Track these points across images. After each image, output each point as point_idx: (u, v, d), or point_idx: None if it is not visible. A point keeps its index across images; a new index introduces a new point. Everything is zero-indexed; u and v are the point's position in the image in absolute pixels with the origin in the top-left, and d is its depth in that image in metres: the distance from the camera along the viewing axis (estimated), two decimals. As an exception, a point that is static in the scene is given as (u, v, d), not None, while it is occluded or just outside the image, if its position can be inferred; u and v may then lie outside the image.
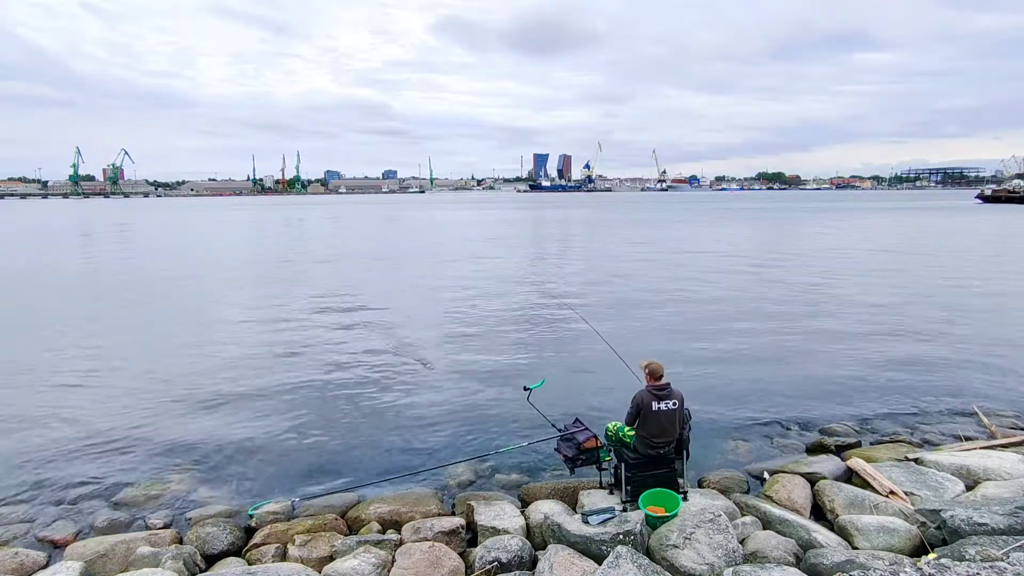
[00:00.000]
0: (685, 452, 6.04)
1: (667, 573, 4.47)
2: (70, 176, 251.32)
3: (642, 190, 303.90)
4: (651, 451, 5.73)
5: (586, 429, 6.45)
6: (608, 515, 5.12)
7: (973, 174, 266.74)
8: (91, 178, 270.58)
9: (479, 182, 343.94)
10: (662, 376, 5.80)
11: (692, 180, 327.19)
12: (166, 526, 6.00)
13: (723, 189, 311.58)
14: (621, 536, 4.82)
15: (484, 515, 5.66)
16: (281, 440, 7.89)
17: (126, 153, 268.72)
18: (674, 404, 5.71)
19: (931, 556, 4.52)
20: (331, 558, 5.18)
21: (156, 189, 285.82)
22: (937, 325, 13.65)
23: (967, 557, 4.30)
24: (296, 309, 16.36)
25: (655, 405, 5.65)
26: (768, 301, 16.68)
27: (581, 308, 15.92)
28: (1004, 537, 4.59)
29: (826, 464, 6.82)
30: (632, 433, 5.91)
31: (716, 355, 11.43)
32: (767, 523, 5.55)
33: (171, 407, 9.04)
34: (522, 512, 5.86)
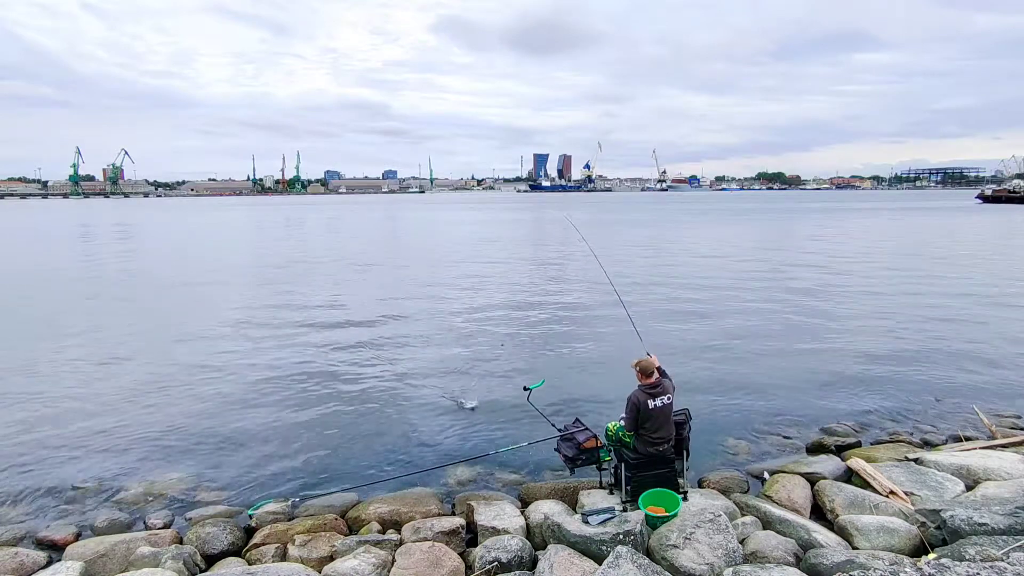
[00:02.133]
0: (685, 452, 6.05)
1: (667, 573, 4.46)
2: (70, 176, 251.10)
3: (642, 190, 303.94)
4: (651, 448, 5.73)
5: (586, 429, 6.45)
6: (608, 515, 5.11)
7: (973, 174, 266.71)
8: (91, 178, 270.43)
9: (479, 182, 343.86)
10: (653, 372, 5.82)
11: (692, 180, 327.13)
12: (166, 526, 5.99)
13: (723, 189, 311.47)
14: (621, 536, 4.82)
15: (484, 515, 5.66)
16: (281, 440, 7.89)
17: (126, 153, 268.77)
18: (668, 398, 5.75)
19: (931, 556, 4.52)
20: (331, 558, 5.18)
21: (156, 189, 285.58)
22: (937, 325, 13.66)
23: (967, 557, 4.30)
24: (296, 310, 16.36)
25: (651, 404, 5.67)
26: (768, 302, 16.68)
27: (584, 306, 15.93)
28: (1004, 537, 4.59)
29: (826, 464, 6.82)
30: (632, 433, 5.92)
31: (716, 355, 11.43)
32: (767, 523, 5.55)
33: (170, 408, 9.04)
34: (522, 512, 5.86)
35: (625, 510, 5.42)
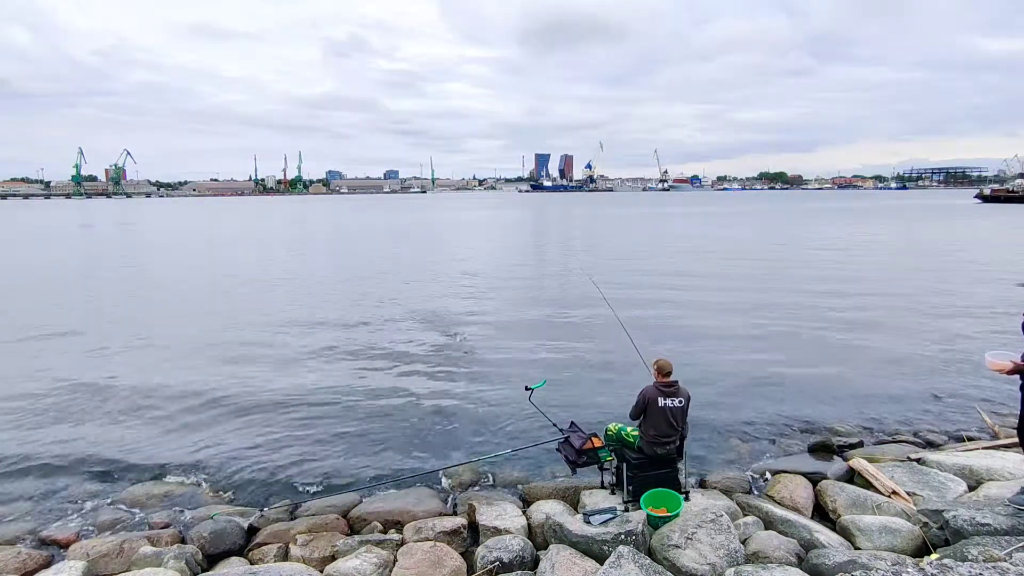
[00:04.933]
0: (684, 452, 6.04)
1: (669, 573, 4.46)
2: (73, 176, 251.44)
3: (644, 190, 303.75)
4: (655, 448, 5.72)
5: (583, 433, 6.46)
6: (610, 515, 5.11)
7: (976, 173, 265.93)
8: (93, 178, 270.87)
9: (480, 182, 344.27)
10: (670, 373, 5.80)
11: (694, 180, 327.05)
12: (168, 525, 6.00)
13: (725, 189, 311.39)
14: (623, 536, 4.81)
15: (486, 515, 5.66)
16: (283, 440, 7.89)
17: (128, 153, 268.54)
18: (680, 402, 5.71)
19: (933, 556, 4.51)
20: (333, 558, 5.19)
21: (158, 189, 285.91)
22: (938, 325, 13.63)
23: (969, 557, 4.29)
24: (298, 311, 16.38)
25: (661, 401, 5.65)
26: (771, 301, 16.65)
27: (587, 306, 15.91)
28: (1007, 537, 4.58)
29: (828, 464, 6.81)
30: (635, 433, 5.91)
31: (719, 355, 11.41)
32: (769, 523, 5.54)
33: (173, 407, 9.04)
34: (524, 512, 5.86)
35: (627, 510, 5.41)
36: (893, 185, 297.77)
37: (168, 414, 8.77)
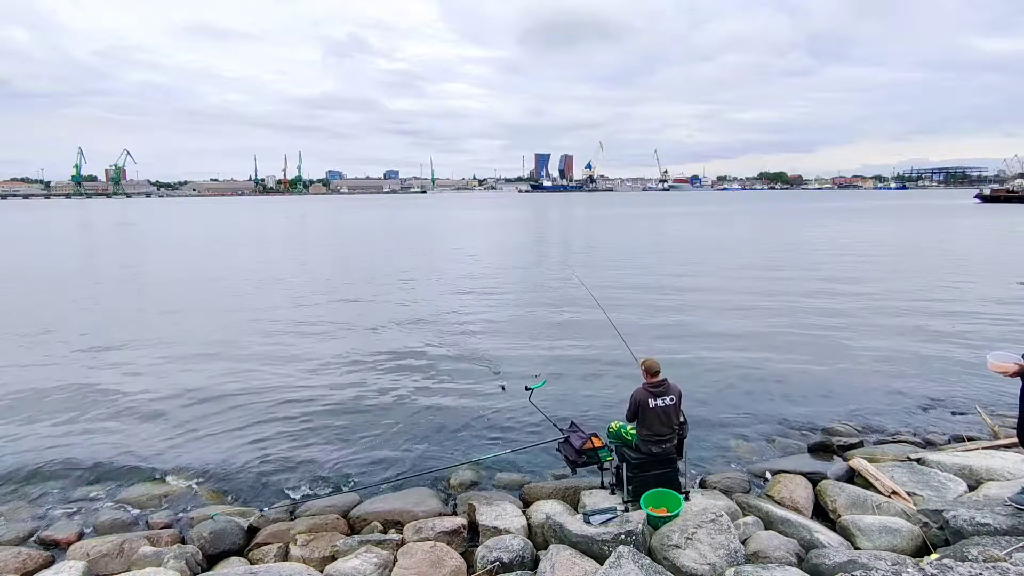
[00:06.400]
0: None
1: (669, 573, 4.46)
2: (72, 176, 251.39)
3: (644, 190, 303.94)
4: (651, 447, 5.73)
5: (583, 432, 6.45)
6: (610, 515, 5.11)
7: (976, 174, 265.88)
8: (93, 178, 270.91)
9: (480, 182, 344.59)
10: (658, 372, 5.81)
11: (694, 180, 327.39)
12: (168, 526, 6.00)
13: (725, 189, 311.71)
14: (623, 536, 4.81)
15: (486, 515, 5.67)
16: (283, 440, 7.90)
17: (128, 153, 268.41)
18: (671, 399, 5.72)
19: (933, 556, 4.51)
20: (333, 558, 5.19)
21: (158, 189, 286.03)
22: (939, 324, 13.62)
23: (969, 557, 4.30)
24: (297, 312, 16.39)
25: (651, 402, 5.67)
26: (771, 301, 16.65)
27: (587, 306, 15.93)
28: (1007, 537, 4.59)
29: (828, 464, 6.81)
30: (634, 431, 5.91)
31: (719, 355, 11.41)
32: (769, 523, 5.54)
33: (173, 408, 9.05)
34: (524, 512, 5.86)
35: (627, 510, 5.41)
36: (893, 185, 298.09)
37: (168, 414, 8.78)
